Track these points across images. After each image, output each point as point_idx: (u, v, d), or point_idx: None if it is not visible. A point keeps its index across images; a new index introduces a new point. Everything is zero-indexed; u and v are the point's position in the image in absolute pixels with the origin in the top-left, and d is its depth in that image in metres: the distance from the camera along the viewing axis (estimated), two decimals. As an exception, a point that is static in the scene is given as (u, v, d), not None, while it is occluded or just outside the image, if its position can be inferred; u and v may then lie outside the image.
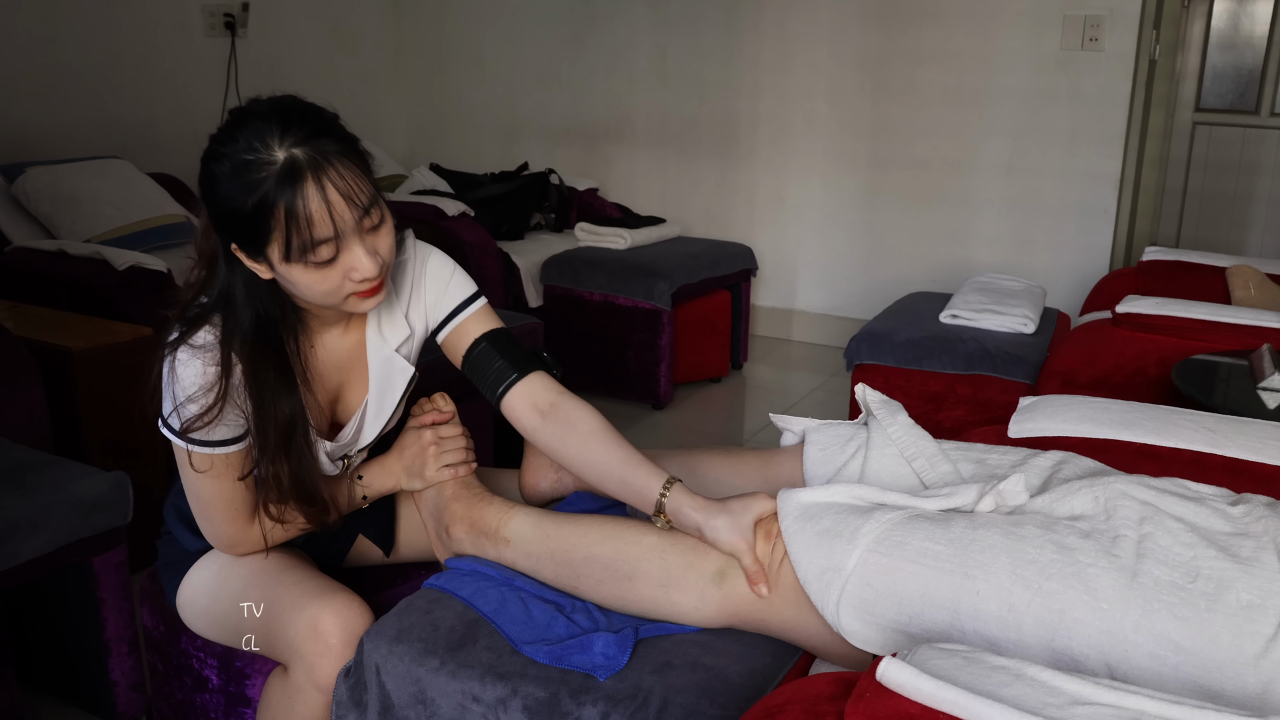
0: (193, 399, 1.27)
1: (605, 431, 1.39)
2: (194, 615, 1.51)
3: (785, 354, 4.40)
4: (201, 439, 1.31)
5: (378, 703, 1.30)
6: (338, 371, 1.44)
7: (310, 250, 1.20)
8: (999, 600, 1.10)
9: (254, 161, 1.18)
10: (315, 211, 1.18)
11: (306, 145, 1.19)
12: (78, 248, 2.97)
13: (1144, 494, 1.20)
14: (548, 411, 1.42)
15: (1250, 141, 4.78)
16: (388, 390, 1.46)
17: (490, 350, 1.44)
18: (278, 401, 1.31)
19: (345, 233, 1.22)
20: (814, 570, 1.20)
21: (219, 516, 1.38)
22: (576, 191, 4.36)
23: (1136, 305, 2.48)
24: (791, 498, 1.27)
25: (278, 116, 1.20)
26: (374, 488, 1.51)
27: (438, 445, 1.49)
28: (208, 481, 1.34)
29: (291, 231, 1.18)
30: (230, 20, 4.24)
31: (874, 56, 4.12)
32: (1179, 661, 1.03)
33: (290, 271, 1.23)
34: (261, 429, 1.31)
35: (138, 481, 1.86)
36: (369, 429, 1.48)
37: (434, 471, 1.49)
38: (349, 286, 1.26)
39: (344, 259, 1.23)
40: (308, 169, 1.18)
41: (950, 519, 1.19)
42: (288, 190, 1.17)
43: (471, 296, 1.47)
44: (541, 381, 1.44)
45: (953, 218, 4.11)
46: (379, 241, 1.27)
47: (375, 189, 1.25)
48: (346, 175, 1.20)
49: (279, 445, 1.32)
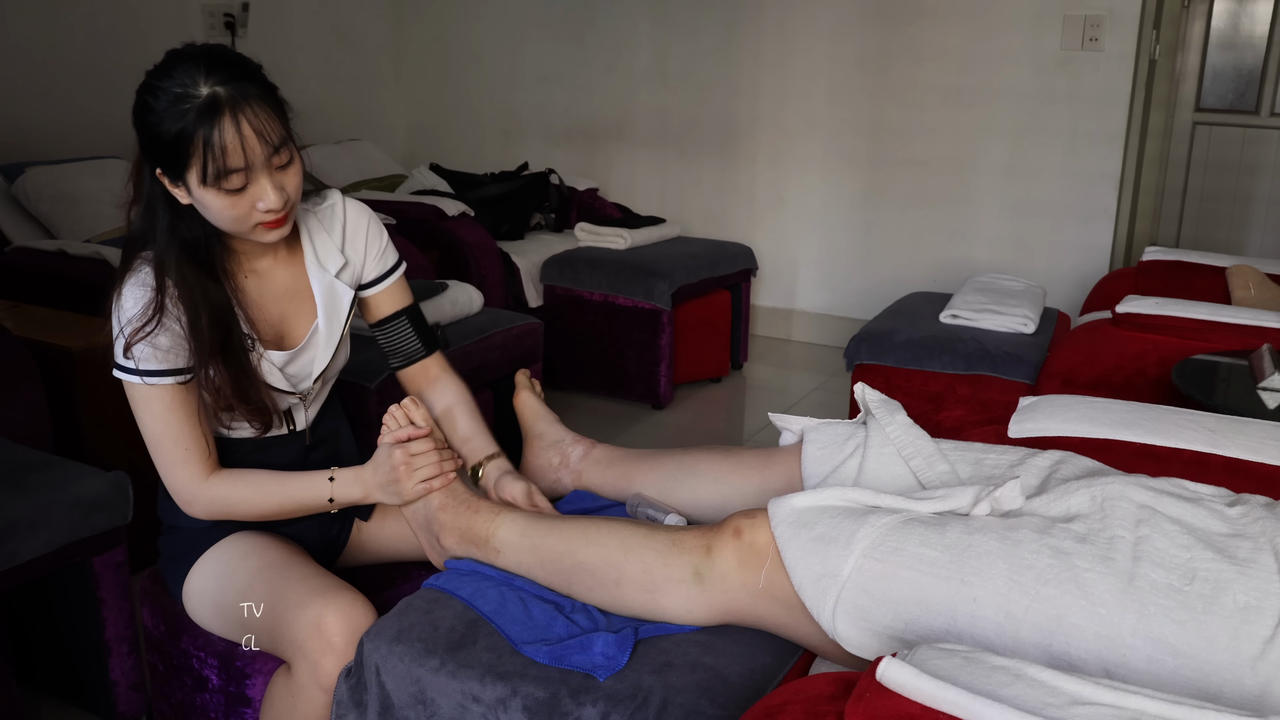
0: (133, 320, 1.39)
1: (464, 406, 1.67)
2: (199, 608, 1.51)
3: (785, 354, 4.40)
4: (149, 368, 1.40)
5: (378, 703, 1.30)
6: (277, 302, 1.54)
7: (223, 177, 1.34)
8: (996, 606, 1.10)
9: (182, 94, 1.32)
10: (230, 142, 1.32)
11: (229, 85, 1.33)
12: (78, 248, 2.97)
13: (1141, 495, 1.20)
14: (430, 384, 1.69)
15: (1250, 141, 4.78)
16: (334, 314, 1.57)
17: (408, 326, 1.68)
18: (207, 298, 1.43)
19: (255, 165, 1.35)
20: (809, 576, 1.19)
21: (172, 458, 1.44)
22: (576, 191, 4.36)
23: (1136, 305, 2.48)
24: (784, 504, 1.25)
25: (206, 58, 1.35)
26: (341, 492, 1.50)
27: (408, 464, 1.48)
28: (160, 417, 1.42)
29: (208, 158, 1.32)
30: (230, 20, 4.24)
31: (874, 56, 4.12)
32: (1177, 665, 1.03)
33: (205, 196, 1.36)
34: (195, 328, 1.41)
35: (138, 481, 1.86)
36: (321, 352, 1.57)
37: (411, 488, 1.49)
38: (256, 216, 1.39)
39: (253, 190, 1.37)
40: (226, 105, 1.32)
41: (946, 523, 1.19)
42: (207, 121, 1.31)
43: (396, 264, 1.67)
44: (436, 359, 1.71)
45: (953, 218, 4.11)
46: (286, 179, 1.40)
47: (288, 132, 1.40)
48: (261, 115, 1.35)
49: (213, 345, 1.42)
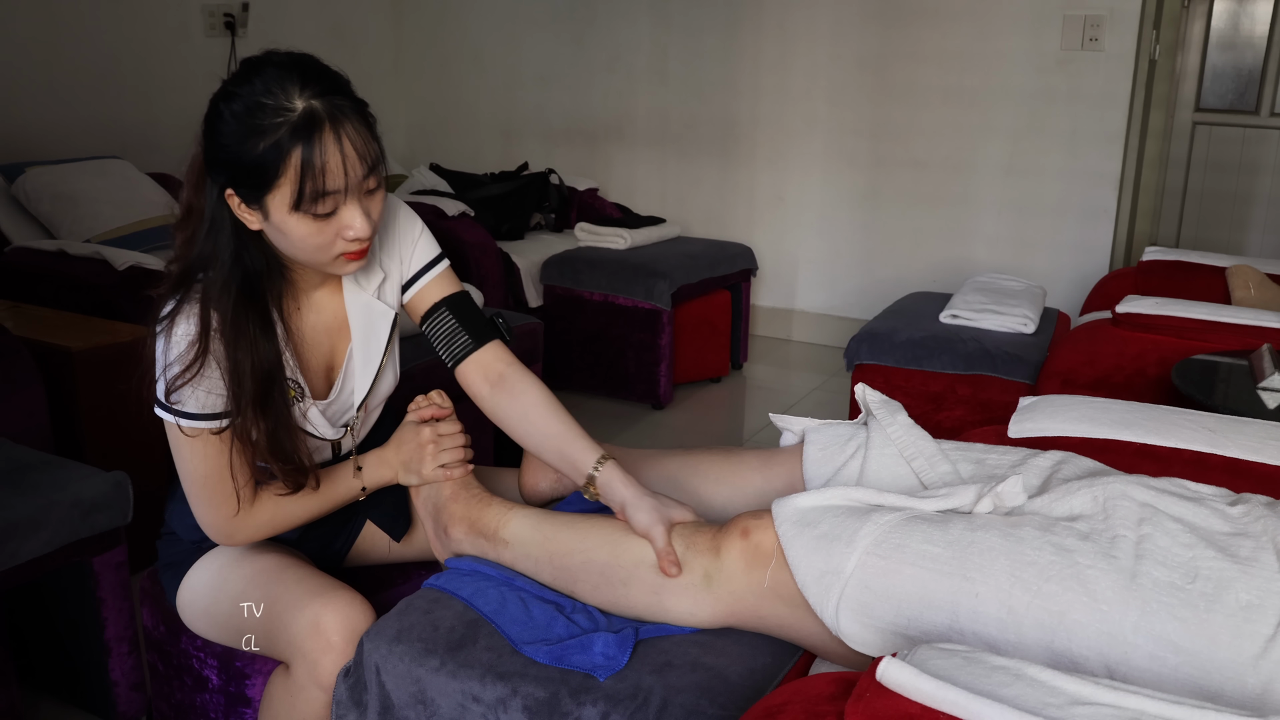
0: (179, 359, 1.28)
1: (547, 404, 1.44)
2: (194, 616, 1.50)
3: (785, 354, 4.40)
4: (188, 410, 1.30)
5: (378, 703, 1.30)
6: (327, 334, 1.44)
7: (319, 200, 1.22)
8: (998, 602, 1.10)
9: (271, 106, 1.19)
10: (331, 162, 1.21)
11: (325, 99, 1.21)
12: (78, 248, 2.97)
13: (1143, 494, 1.20)
14: (496, 382, 1.46)
15: (1250, 141, 4.78)
16: (371, 336, 1.46)
17: (450, 317, 1.47)
18: (256, 349, 1.30)
19: (350, 188, 1.24)
20: (813, 574, 1.19)
21: (209, 497, 1.37)
22: (576, 191, 4.36)
23: (1136, 305, 2.48)
24: (787, 504, 1.26)
25: (298, 68, 1.22)
26: (371, 478, 1.50)
27: (435, 444, 1.49)
28: (197, 460, 1.33)
29: (306, 179, 1.20)
30: (230, 20, 4.24)
31: (874, 56, 4.12)
32: (1178, 662, 1.03)
33: (288, 221, 1.24)
34: (237, 379, 1.29)
35: (138, 481, 1.86)
36: (359, 381, 1.47)
37: (430, 470, 1.49)
38: (340, 245, 1.28)
39: (342, 215, 1.26)
40: (327, 120, 1.20)
41: (949, 520, 1.19)
42: (305, 138, 1.19)
43: (437, 258, 1.50)
44: (495, 352, 1.47)
45: (953, 218, 4.11)
46: (373, 205, 1.29)
47: (381, 153, 1.28)
48: (361, 132, 1.24)
49: (255, 398, 1.31)
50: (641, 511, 1.31)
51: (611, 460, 1.38)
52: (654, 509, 1.31)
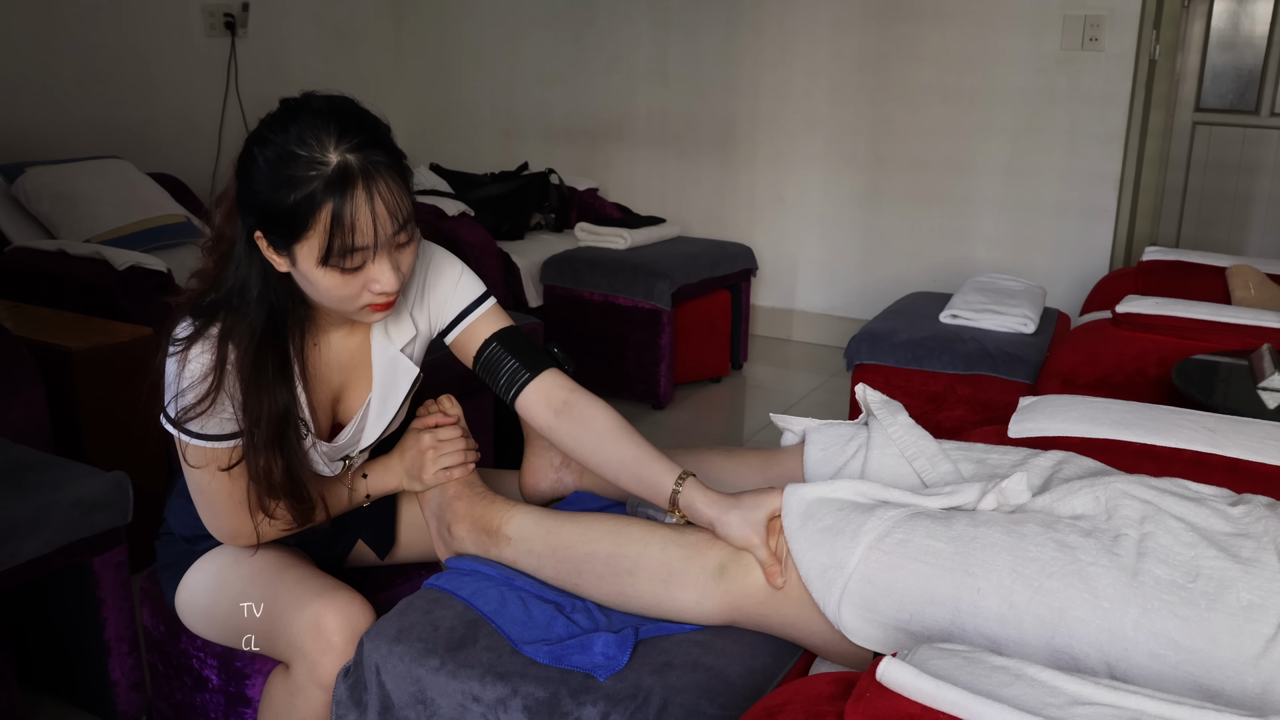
0: (192, 387, 1.27)
1: (620, 428, 1.40)
2: (193, 616, 1.50)
3: (785, 354, 4.40)
4: (198, 431, 1.30)
5: (378, 703, 1.30)
6: (340, 372, 1.44)
7: (347, 256, 1.21)
8: (1000, 598, 1.10)
9: (305, 158, 1.18)
10: (361, 219, 1.19)
11: (360, 153, 1.19)
12: (78, 248, 2.97)
13: (1144, 493, 1.20)
14: (561, 409, 1.43)
15: (1250, 141, 4.78)
16: (391, 391, 1.47)
17: (501, 350, 1.45)
18: (274, 395, 1.30)
19: (380, 244, 1.22)
20: (816, 568, 1.20)
21: (219, 509, 1.38)
22: (576, 191, 4.36)
23: (1136, 305, 2.48)
24: (796, 493, 1.27)
25: (336, 118, 1.20)
26: (376, 487, 1.52)
27: (435, 449, 1.50)
28: (206, 476, 1.34)
29: (335, 235, 1.19)
30: (230, 20, 4.24)
31: (874, 56, 4.12)
32: (1179, 660, 1.03)
33: (315, 273, 1.23)
34: (254, 420, 1.29)
35: (138, 481, 1.86)
36: (371, 430, 1.48)
37: (431, 474, 1.50)
38: (366, 297, 1.27)
39: (370, 269, 1.24)
40: (360, 176, 1.18)
41: (952, 517, 1.20)
42: (337, 194, 1.18)
43: (481, 297, 1.48)
44: (554, 379, 1.45)
45: (953, 218, 4.11)
46: (404, 258, 1.28)
47: (413, 206, 1.26)
48: (394, 189, 1.22)
49: (271, 439, 1.31)
50: (731, 528, 1.28)
51: (691, 478, 1.33)
52: (743, 522, 1.27)
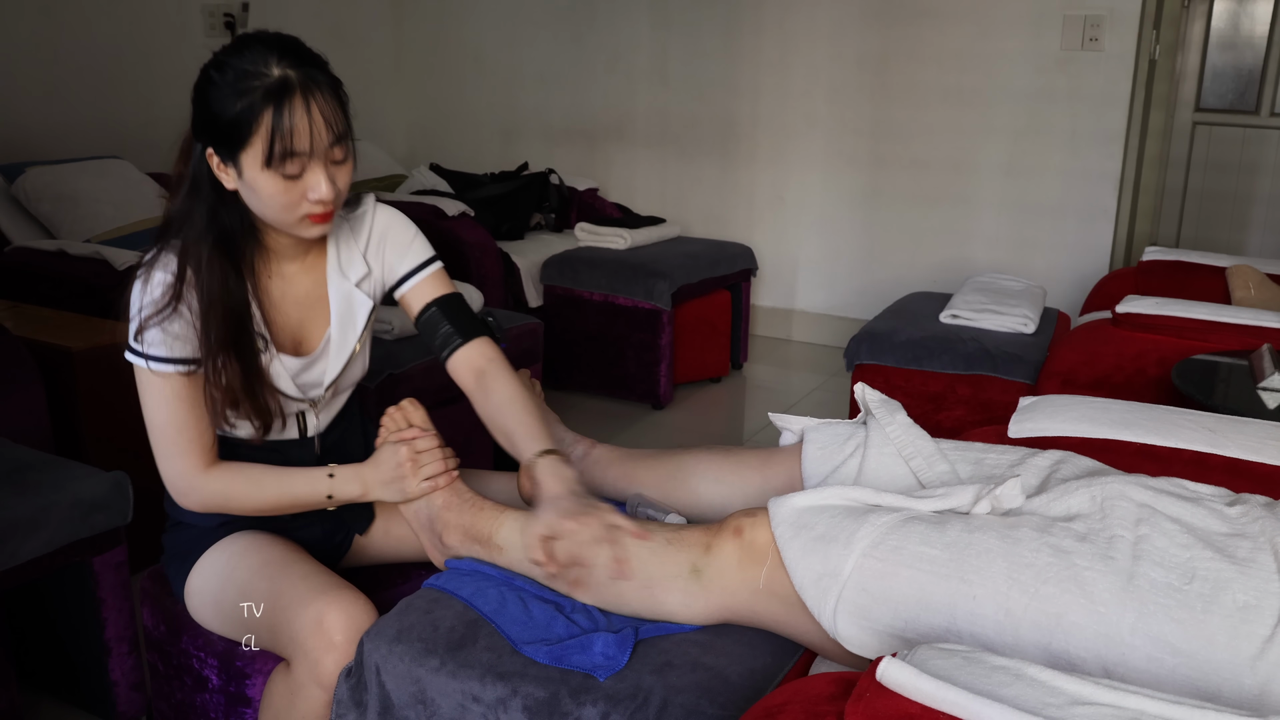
0: (152, 302, 1.37)
1: (514, 401, 1.52)
2: (200, 605, 1.51)
3: (785, 354, 4.40)
4: (158, 355, 1.37)
5: (378, 703, 1.30)
6: (297, 307, 1.52)
7: (286, 160, 1.32)
8: (995, 605, 1.10)
9: (251, 72, 1.31)
10: (298, 124, 1.31)
11: (300, 69, 1.33)
12: (78, 248, 2.97)
13: (1141, 494, 1.20)
14: (479, 375, 1.56)
15: (1250, 141, 4.78)
16: (349, 323, 1.55)
17: (440, 315, 1.57)
18: (227, 291, 1.40)
19: (316, 152, 1.34)
20: (810, 576, 1.19)
21: (173, 447, 1.42)
22: (576, 191, 4.36)
23: (1136, 305, 2.48)
24: (784, 504, 1.26)
25: (279, 43, 1.36)
26: (340, 489, 1.50)
27: (414, 461, 1.50)
28: (164, 405, 1.40)
29: (275, 139, 1.31)
30: (230, 20, 4.24)
31: (874, 56, 4.12)
32: (1176, 664, 1.03)
33: (258, 179, 1.34)
34: (206, 319, 1.38)
35: (138, 481, 1.86)
36: (333, 362, 1.54)
37: (416, 486, 1.50)
38: (305, 207, 1.37)
39: (308, 178, 1.35)
40: (298, 87, 1.32)
41: (946, 521, 1.19)
42: (276, 101, 1.30)
43: (429, 259, 1.60)
44: (481, 347, 1.57)
45: (953, 218, 4.11)
46: (340, 174, 1.39)
47: (349, 127, 1.38)
48: (330, 103, 1.35)
49: (225, 341, 1.40)
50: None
51: (549, 459, 1.43)
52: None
